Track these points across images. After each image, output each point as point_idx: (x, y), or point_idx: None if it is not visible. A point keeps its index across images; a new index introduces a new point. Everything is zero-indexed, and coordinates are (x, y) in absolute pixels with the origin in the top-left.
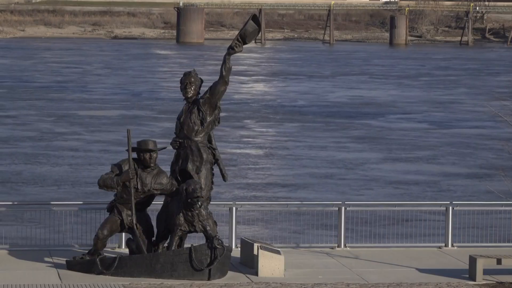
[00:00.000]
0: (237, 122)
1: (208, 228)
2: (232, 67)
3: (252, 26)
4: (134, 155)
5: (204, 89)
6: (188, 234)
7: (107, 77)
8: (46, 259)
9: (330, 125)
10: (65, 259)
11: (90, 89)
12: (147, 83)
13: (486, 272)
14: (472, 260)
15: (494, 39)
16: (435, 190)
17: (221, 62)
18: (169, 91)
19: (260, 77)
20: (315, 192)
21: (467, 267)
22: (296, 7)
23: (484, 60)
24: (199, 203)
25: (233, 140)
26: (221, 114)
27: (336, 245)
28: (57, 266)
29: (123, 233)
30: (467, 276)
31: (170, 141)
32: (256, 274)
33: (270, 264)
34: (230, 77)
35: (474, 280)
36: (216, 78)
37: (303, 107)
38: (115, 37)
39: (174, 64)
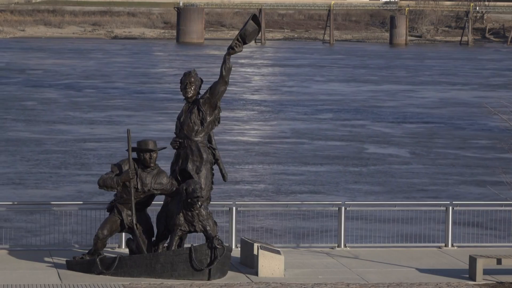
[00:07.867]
0: (348, 121)
1: (208, 228)
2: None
3: (252, 26)
4: (134, 155)
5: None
6: (188, 234)
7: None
8: (46, 259)
9: (448, 125)
10: (65, 259)
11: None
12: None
13: (486, 272)
14: (472, 260)
15: (494, 39)
16: None
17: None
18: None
19: (333, 77)
20: (466, 194)
21: (467, 267)
22: (296, 7)
23: None
24: (199, 203)
25: (369, 139)
26: (326, 115)
27: (336, 245)
28: (57, 266)
29: (123, 233)
30: (467, 276)
31: (170, 141)
32: (256, 274)
33: (270, 264)
34: (303, 78)
35: (474, 280)
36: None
37: (397, 107)
38: (115, 37)
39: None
